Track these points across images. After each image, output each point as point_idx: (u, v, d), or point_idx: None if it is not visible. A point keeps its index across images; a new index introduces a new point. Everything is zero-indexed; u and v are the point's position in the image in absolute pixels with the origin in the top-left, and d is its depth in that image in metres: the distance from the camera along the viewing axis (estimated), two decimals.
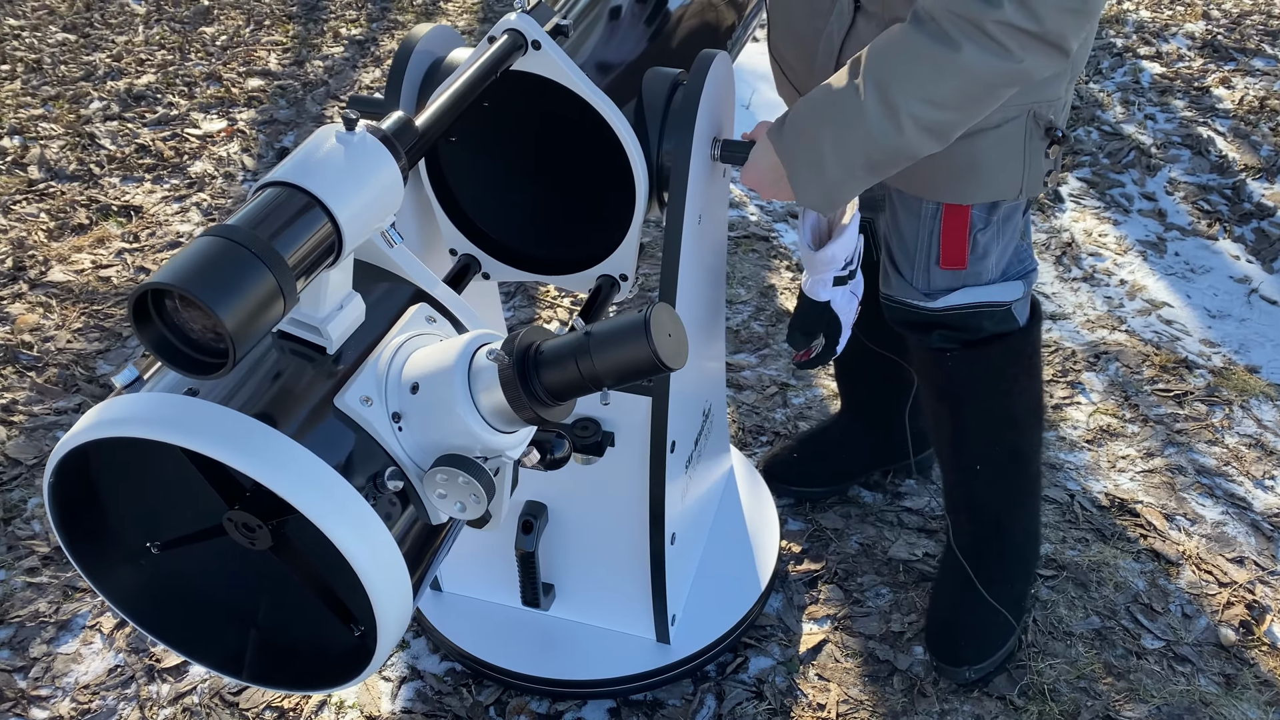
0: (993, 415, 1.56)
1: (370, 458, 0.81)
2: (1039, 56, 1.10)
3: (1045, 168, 1.36)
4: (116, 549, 0.90)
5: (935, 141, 1.17)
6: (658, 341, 0.74)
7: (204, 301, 0.63)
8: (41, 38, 3.76)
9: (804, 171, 1.23)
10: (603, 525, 1.53)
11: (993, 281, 1.44)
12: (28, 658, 1.69)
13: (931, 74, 1.12)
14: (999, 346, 1.49)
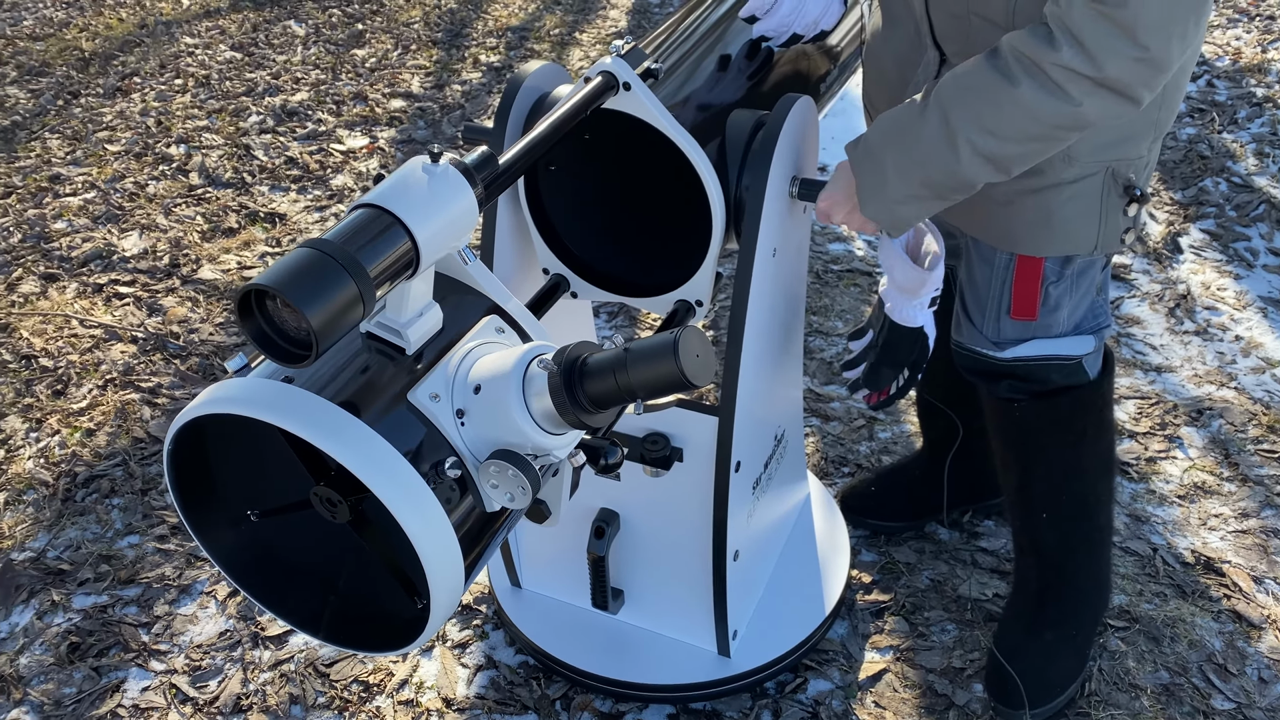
0: (1059, 465, 1.57)
1: (435, 447, 0.92)
2: (1100, 102, 1.12)
3: (1123, 225, 1.37)
4: (222, 514, 1.03)
5: (994, 171, 1.20)
6: (685, 360, 0.83)
7: (294, 303, 0.75)
8: (212, 55, 4.10)
9: (869, 186, 1.28)
10: (670, 537, 1.61)
11: (1063, 335, 1.46)
12: (151, 615, 1.88)
13: (990, 106, 1.15)
14: (1068, 399, 1.51)
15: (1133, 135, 1.32)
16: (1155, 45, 1.08)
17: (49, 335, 2.56)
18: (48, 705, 1.73)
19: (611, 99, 1.31)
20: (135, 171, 3.30)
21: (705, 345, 0.86)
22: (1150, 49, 1.08)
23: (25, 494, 2.12)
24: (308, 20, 4.42)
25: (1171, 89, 1.32)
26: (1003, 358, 1.48)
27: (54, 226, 3.02)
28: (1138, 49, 1.08)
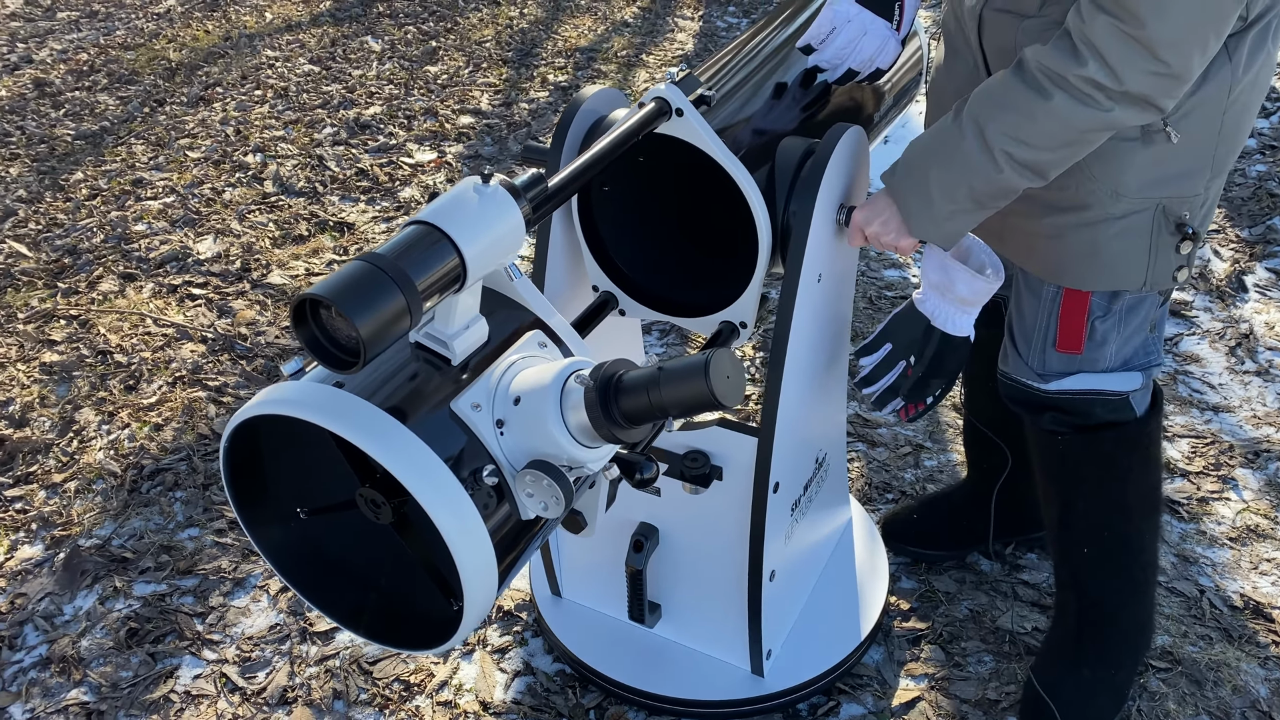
0: (1102, 501, 1.57)
1: (474, 454, 0.96)
2: (1127, 109, 1.15)
3: (1175, 263, 1.37)
4: (272, 510, 1.09)
5: (1033, 176, 1.23)
6: (715, 381, 0.86)
7: (346, 313, 0.80)
8: (291, 68, 4.24)
9: (915, 207, 1.31)
10: (707, 554, 1.64)
11: (1110, 370, 1.46)
12: (206, 606, 1.95)
13: (1024, 117, 1.19)
14: (1112, 434, 1.50)
15: (1187, 172, 1.32)
16: (1175, 60, 1.11)
17: (124, 333, 2.67)
18: (104, 687, 1.80)
19: (665, 124, 1.35)
20: (213, 178, 3.43)
21: (737, 367, 0.89)
22: (1171, 64, 1.11)
23: (95, 483, 2.22)
24: (384, 36, 4.55)
25: (1232, 126, 1.31)
26: (1047, 390, 1.48)
27: (134, 228, 3.15)
28: (1158, 64, 1.11)
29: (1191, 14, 1.09)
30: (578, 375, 0.93)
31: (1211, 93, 1.27)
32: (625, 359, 0.95)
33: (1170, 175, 1.31)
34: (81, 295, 2.84)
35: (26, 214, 3.27)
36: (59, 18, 4.96)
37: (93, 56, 4.46)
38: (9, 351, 2.62)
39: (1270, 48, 1.29)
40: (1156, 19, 1.09)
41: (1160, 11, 1.08)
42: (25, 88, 4.20)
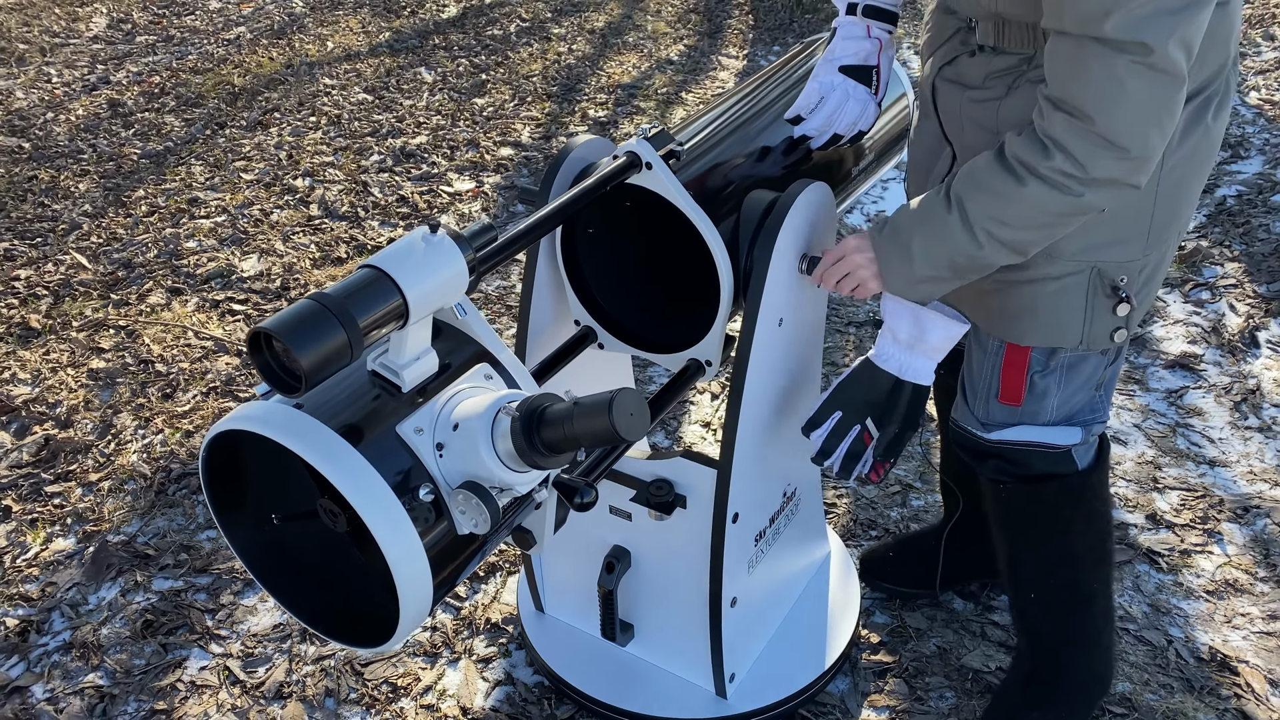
0: (1047, 550, 1.62)
1: (415, 474, 1.07)
2: (1099, 192, 1.22)
3: (1112, 324, 1.43)
4: (245, 515, 1.21)
5: (1014, 255, 1.31)
6: (618, 418, 0.96)
7: (290, 346, 0.92)
8: (346, 96, 4.44)
9: (895, 266, 1.39)
10: (674, 578, 1.72)
11: (1050, 423, 1.52)
12: (218, 603, 2.09)
13: (1002, 201, 1.26)
14: (1053, 486, 1.56)
15: (1121, 239, 1.38)
16: (1133, 145, 1.17)
17: (167, 344, 2.85)
18: (119, 673, 1.95)
19: (635, 176, 1.46)
20: (263, 200, 3.62)
21: (640, 406, 0.99)
22: (1130, 149, 1.18)
23: (126, 484, 2.38)
24: (437, 68, 4.74)
25: (1169, 198, 1.37)
26: (989, 439, 1.55)
27: (186, 245, 3.35)
28: (1118, 151, 1.18)
29: (1136, 107, 1.15)
30: (507, 408, 1.04)
31: None
32: (550, 394, 1.05)
33: (1104, 241, 1.37)
34: (131, 307, 3.03)
35: (90, 227, 3.49)
36: (138, 41, 5.25)
37: (164, 79, 4.72)
38: (61, 357, 2.81)
39: (1210, 123, 1.35)
40: (1104, 116, 1.16)
41: (1107, 109, 1.15)
42: (100, 107, 4.46)
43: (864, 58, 1.55)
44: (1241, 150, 3.72)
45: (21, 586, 2.14)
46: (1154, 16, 1.11)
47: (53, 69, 4.92)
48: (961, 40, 1.44)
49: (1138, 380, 2.71)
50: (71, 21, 5.52)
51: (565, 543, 1.85)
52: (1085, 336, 1.43)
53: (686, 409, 2.65)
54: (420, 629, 2.03)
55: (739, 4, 5.50)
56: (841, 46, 1.55)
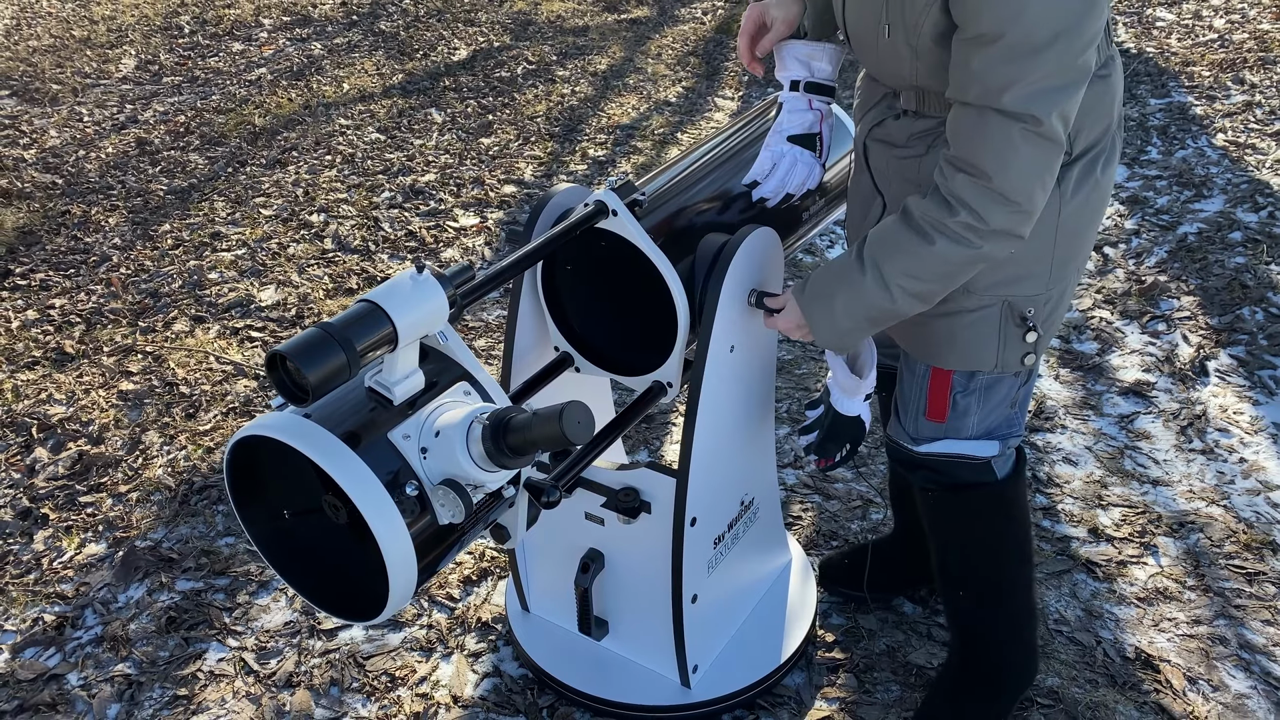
0: (970, 552, 1.82)
1: (403, 473, 1.28)
2: (995, 243, 1.42)
3: (1022, 350, 1.63)
4: (262, 510, 1.42)
5: (920, 303, 1.51)
6: (567, 425, 1.17)
7: (299, 366, 1.14)
8: (360, 135, 4.70)
9: (821, 322, 1.60)
10: (643, 577, 1.93)
11: (971, 438, 1.73)
12: (235, 602, 2.30)
13: (913, 258, 1.46)
14: (974, 494, 1.76)
15: (1027, 277, 1.59)
16: (1024, 200, 1.39)
17: (190, 367, 3.08)
18: (145, 663, 2.16)
19: (604, 221, 1.68)
20: (280, 234, 3.87)
21: (587, 415, 1.20)
22: (1021, 204, 1.39)
23: (153, 495, 2.60)
24: (447, 109, 5.00)
25: (1066, 242, 1.56)
26: (918, 451, 1.75)
27: (209, 276, 3.59)
28: (1010, 205, 1.38)
29: (1026, 165, 1.36)
30: (480, 418, 1.25)
31: (1045, 215, 1.52)
32: (517, 406, 1.26)
33: (1012, 278, 1.58)
34: (157, 334, 3.27)
35: (119, 259, 3.74)
36: (164, 82, 5.54)
37: (189, 119, 5.00)
38: (93, 379, 3.04)
39: (1099, 177, 1.57)
40: (1001, 174, 1.36)
41: (1003, 169, 1.36)
42: (129, 145, 4.73)
43: (808, 127, 1.77)
44: (1204, 190, 3.92)
45: (58, 586, 2.35)
46: (1042, 93, 1.32)
47: (84, 108, 5.21)
48: (888, 105, 1.66)
49: (1093, 406, 2.91)
50: (102, 63, 5.81)
51: (547, 547, 2.05)
52: (999, 361, 1.64)
53: (669, 429, 2.86)
54: (417, 627, 2.24)
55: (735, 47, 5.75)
56: (788, 119, 1.77)
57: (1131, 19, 5.77)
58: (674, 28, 6.11)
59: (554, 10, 6.42)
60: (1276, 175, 3.94)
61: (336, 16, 6.43)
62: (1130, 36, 5.52)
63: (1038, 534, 2.44)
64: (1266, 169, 4.01)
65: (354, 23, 6.31)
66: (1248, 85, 4.75)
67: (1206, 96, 4.70)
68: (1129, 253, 3.61)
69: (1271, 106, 4.51)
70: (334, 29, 6.22)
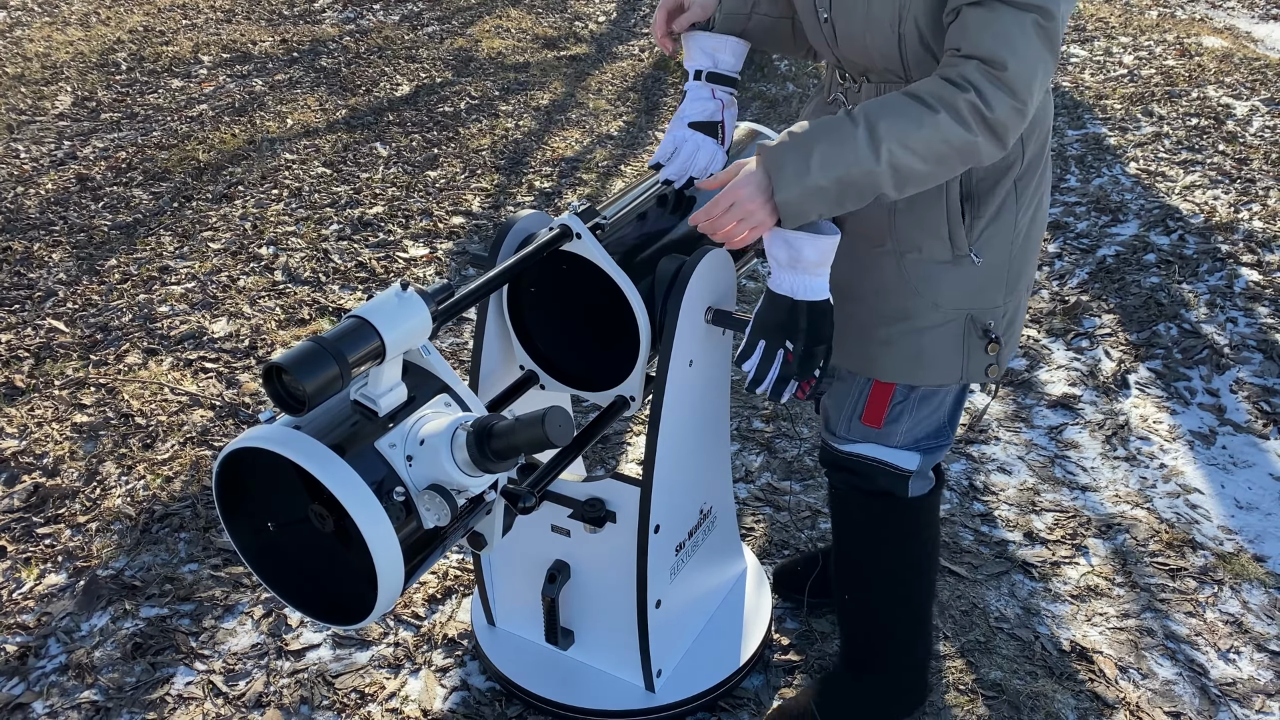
0: (868, 560, 1.89)
1: (390, 480, 1.35)
2: (986, 139, 1.41)
3: (985, 362, 1.69)
4: (249, 521, 1.48)
5: (898, 184, 1.43)
6: (549, 428, 1.25)
7: (296, 377, 1.21)
8: (306, 169, 4.74)
9: (790, 175, 1.43)
10: (608, 586, 2.01)
11: (897, 446, 1.80)
12: (200, 627, 2.32)
13: (913, 123, 1.40)
14: (884, 503, 1.83)
15: (988, 288, 1.66)
16: (1026, 95, 1.39)
17: (145, 399, 3.09)
18: (112, 690, 2.17)
19: (568, 244, 1.77)
20: (230, 267, 3.89)
21: (567, 419, 1.29)
22: (1024, 100, 1.40)
23: (113, 524, 2.61)
24: (392, 143, 5.06)
25: (1020, 253, 1.67)
26: (843, 450, 1.83)
27: (159, 309, 3.60)
28: (1015, 98, 1.39)
29: (1035, 58, 1.38)
30: (463, 425, 1.33)
31: (1004, 226, 1.63)
32: (498, 415, 1.34)
33: (975, 290, 1.65)
34: (110, 366, 3.27)
35: (65, 294, 3.73)
36: (103, 118, 5.52)
37: (131, 155, 4.99)
38: (46, 413, 3.04)
39: (1044, 191, 1.70)
40: (1015, 62, 1.37)
41: (1015, 55, 1.37)
42: (69, 182, 4.71)
43: (709, 115, 1.85)
44: (1120, 215, 4.15)
45: (19, 617, 2.35)
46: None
47: (20, 145, 5.17)
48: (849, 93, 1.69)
49: (1024, 419, 3.07)
50: (38, 99, 5.77)
51: (513, 561, 2.12)
52: (965, 373, 1.70)
53: (625, 448, 2.95)
54: (384, 645, 2.28)
55: (674, 83, 5.92)
56: (690, 106, 1.85)
57: None
58: (613, 64, 6.26)
59: (494, 47, 6.54)
60: (1185, 200, 4.19)
61: (277, 54, 6.47)
62: None
63: (977, 539, 2.57)
64: (1176, 195, 4.25)
65: (295, 59, 6.36)
66: (1156, 117, 5.03)
67: (1119, 128, 4.97)
68: (1053, 274, 3.80)
69: (1179, 137, 4.79)
70: (274, 65, 6.26)
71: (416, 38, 6.73)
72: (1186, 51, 5.87)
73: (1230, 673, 2.19)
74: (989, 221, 1.63)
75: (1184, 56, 5.80)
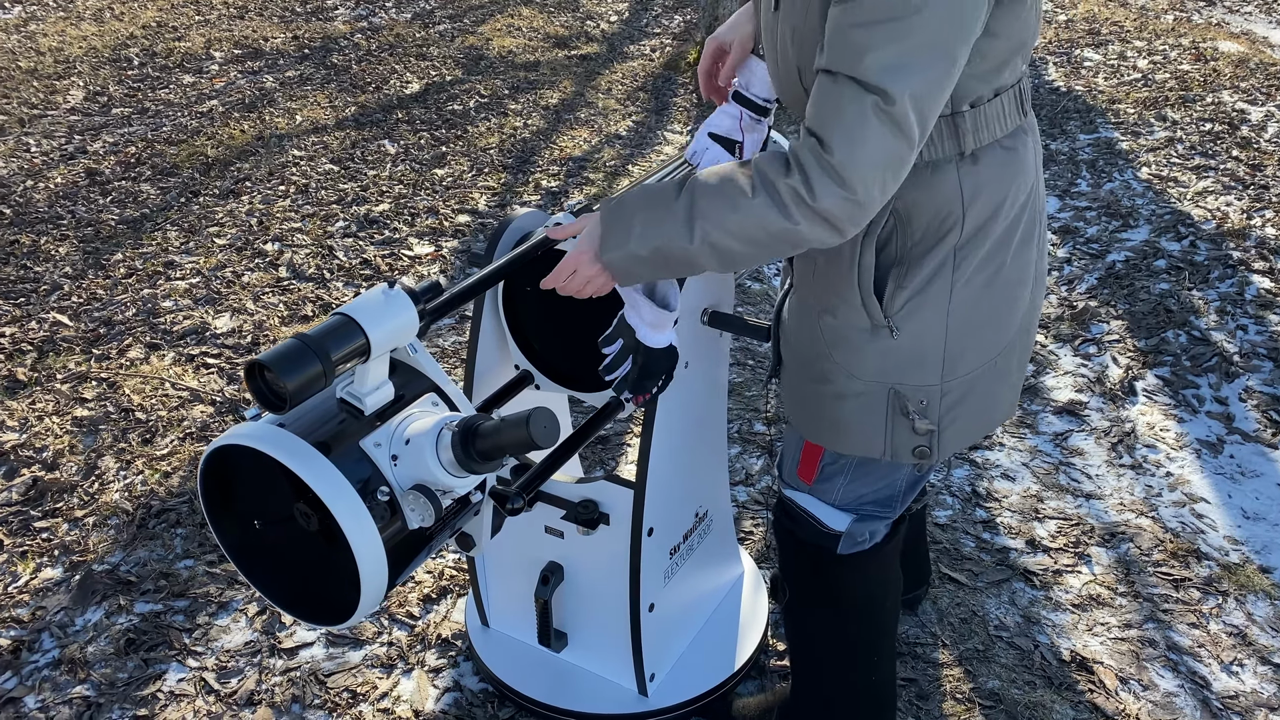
0: (804, 610, 1.82)
1: (375, 479, 1.34)
2: (813, 227, 1.29)
3: (913, 442, 1.52)
4: (235, 519, 1.46)
5: (719, 261, 1.37)
6: (534, 429, 1.24)
7: (279, 375, 1.19)
8: (314, 166, 4.74)
9: (614, 239, 1.42)
10: (602, 588, 1.99)
11: (831, 504, 1.68)
12: (194, 623, 2.31)
13: (728, 205, 1.32)
14: (810, 555, 1.74)
15: (915, 366, 1.48)
16: (859, 186, 1.26)
17: (146, 394, 3.09)
18: (104, 685, 2.16)
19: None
20: (235, 263, 3.89)
21: (552, 420, 1.27)
22: (855, 190, 1.26)
23: (110, 519, 2.61)
24: (400, 141, 5.06)
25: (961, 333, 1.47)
26: (785, 494, 1.76)
27: (163, 305, 3.60)
28: (844, 187, 1.26)
29: (871, 150, 1.24)
30: (449, 425, 1.32)
31: (934, 299, 1.44)
32: (484, 415, 1.33)
33: (898, 365, 1.48)
34: (112, 360, 3.27)
35: (71, 288, 3.73)
36: (114, 113, 5.53)
37: (140, 150, 5.00)
38: (47, 406, 3.04)
39: (1006, 262, 1.46)
40: (844, 149, 1.24)
41: (846, 141, 1.24)
42: (79, 176, 4.72)
43: (728, 131, 1.81)
44: (1131, 220, 4.11)
45: (13, 611, 2.35)
46: (899, 67, 1.21)
47: (31, 139, 5.18)
48: None
49: (1028, 425, 3.03)
50: (49, 94, 5.79)
51: (507, 562, 2.11)
52: (888, 449, 1.54)
53: (624, 449, 2.93)
54: (378, 644, 2.27)
55: (684, 83, 5.90)
56: (716, 118, 1.82)
57: (1061, 59, 6.02)
58: (623, 64, 6.25)
59: (505, 46, 6.53)
60: (1197, 206, 4.15)
61: (288, 50, 6.47)
62: (1060, 75, 5.76)
63: (978, 546, 2.54)
64: (1188, 201, 4.21)
65: (305, 56, 6.36)
66: (1170, 122, 4.99)
67: (1132, 132, 4.93)
68: (1061, 279, 3.77)
69: (1192, 142, 4.74)
70: (285, 62, 6.26)
71: (428, 35, 6.73)
72: (1202, 56, 5.82)
73: (1233, 685, 2.16)
74: (915, 293, 1.45)
75: (1199, 61, 5.75)
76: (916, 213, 1.42)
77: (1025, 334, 1.57)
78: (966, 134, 1.39)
